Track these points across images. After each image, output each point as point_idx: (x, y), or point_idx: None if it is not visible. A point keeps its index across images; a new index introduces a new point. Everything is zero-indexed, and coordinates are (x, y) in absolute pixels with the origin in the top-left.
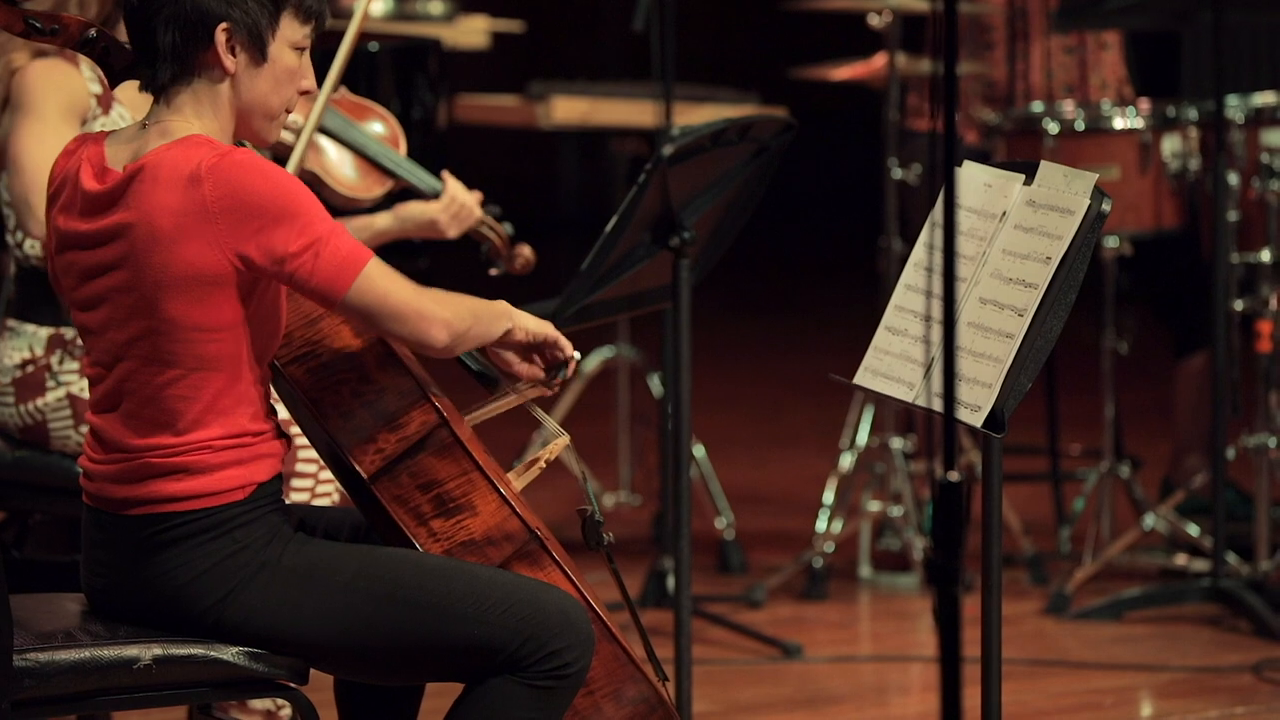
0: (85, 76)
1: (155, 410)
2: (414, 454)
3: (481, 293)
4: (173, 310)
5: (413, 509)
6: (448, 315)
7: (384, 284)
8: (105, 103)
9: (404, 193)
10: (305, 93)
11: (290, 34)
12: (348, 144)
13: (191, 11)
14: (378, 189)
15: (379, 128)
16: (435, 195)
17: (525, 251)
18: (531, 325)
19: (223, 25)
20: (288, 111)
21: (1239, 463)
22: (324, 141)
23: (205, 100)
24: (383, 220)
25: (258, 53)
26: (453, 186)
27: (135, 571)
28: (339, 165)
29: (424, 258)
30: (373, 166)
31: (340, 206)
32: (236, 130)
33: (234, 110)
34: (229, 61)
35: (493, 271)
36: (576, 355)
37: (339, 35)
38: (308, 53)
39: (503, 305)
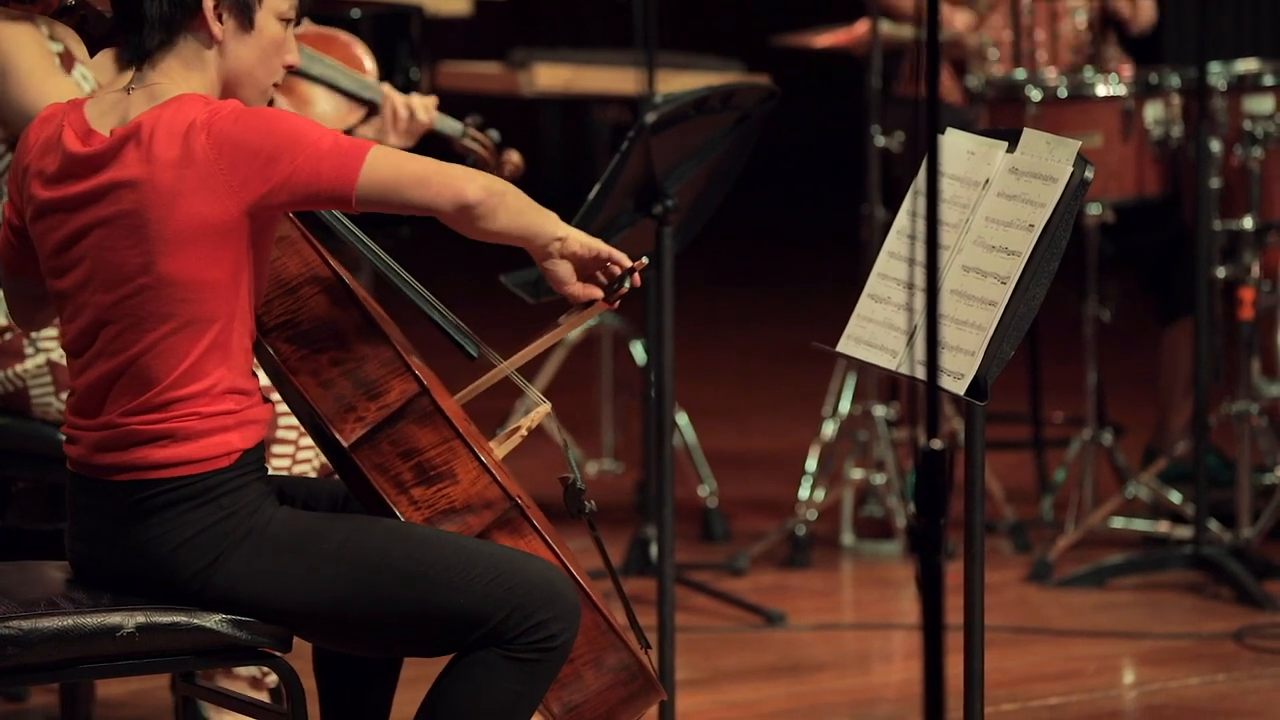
0: (44, 34)
1: (139, 371)
2: (394, 422)
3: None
4: (167, 267)
5: (393, 477)
6: (477, 175)
7: (394, 158)
8: (66, 62)
9: None
10: (289, 67)
11: (276, 4)
12: (318, 79)
13: None
14: (352, 118)
15: (342, 56)
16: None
17: (514, 158)
18: (585, 237)
19: None
20: (276, 85)
21: (1221, 430)
22: (297, 81)
23: (193, 64)
24: None
25: (245, 20)
26: (392, 97)
27: (120, 538)
28: (314, 101)
29: (406, 226)
30: (345, 96)
31: None
32: (223, 97)
33: (220, 77)
34: (216, 28)
35: None
36: (643, 260)
37: (324, 2)
38: (293, 26)
39: (556, 218)
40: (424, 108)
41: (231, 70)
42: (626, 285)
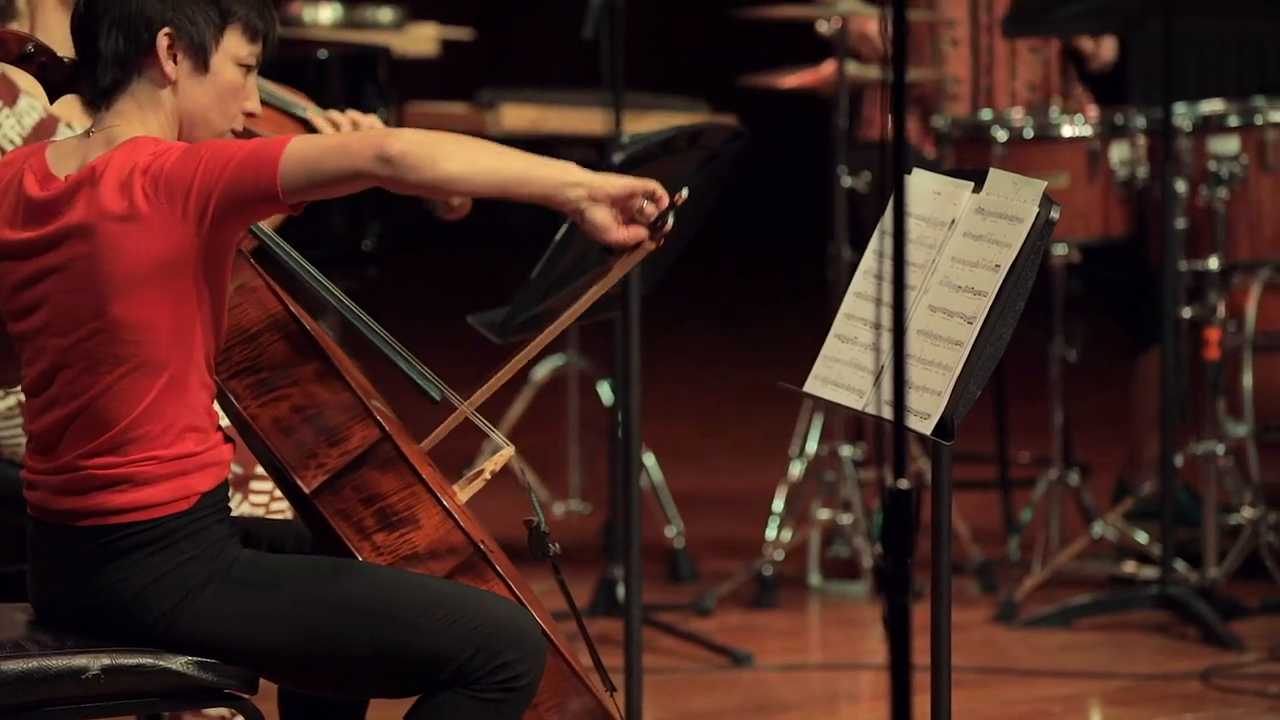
0: None
1: (95, 415)
2: (356, 468)
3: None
4: (119, 310)
5: (356, 523)
6: (404, 130)
7: (313, 139)
8: (8, 95)
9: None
10: (249, 114)
11: (235, 49)
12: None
13: (135, 15)
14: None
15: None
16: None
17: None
18: (615, 179)
19: (165, 30)
20: (233, 131)
21: (1188, 469)
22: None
23: (147, 105)
24: None
25: (200, 62)
26: (328, 113)
27: (82, 583)
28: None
29: (373, 266)
30: (284, 115)
31: None
32: (180, 139)
33: (175, 118)
34: (170, 68)
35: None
36: (684, 193)
37: (290, 43)
38: (254, 75)
39: (572, 166)
40: (368, 120)
41: (186, 111)
42: (671, 221)
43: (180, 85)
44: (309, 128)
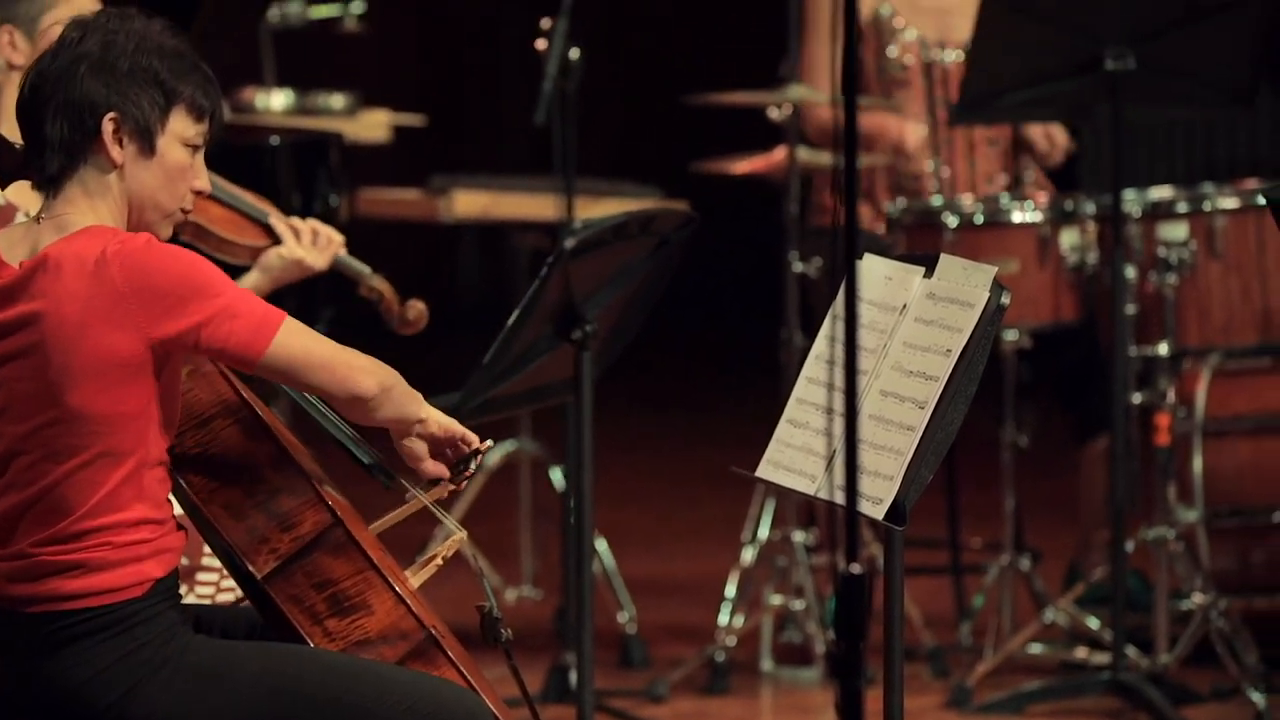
0: None
1: (52, 503)
2: (308, 553)
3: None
4: (76, 400)
5: (307, 608)
6: (374, 368)
7: (304, 338)
8: None
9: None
10: (199, 192)
11: (181, 129)
12: (224, 201)
13: (80, 101)
14: (261, 240)
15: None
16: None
17: (418, 305)
18: (443, 419)
19: (110, 115)
20: (184, 211)
21: (1139, 555)
22: (205, 201)
23: (95, 191)
24: (250, 278)
25: (146, 145)
26: (290, 220)
27: (32, 671)
28: (221, 218)
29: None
30: (249, 219)
31: (228, 255)
32: (130, 223)
33: (124, 202)
34: (116, 152)
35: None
36: (488, 443)
37: (242, 130)
38: (201, 153)
39: (420, 396)
40: (328, 231)
41: (134, 195)
42: (472, 466)
43: (127, 169)
44: (269, 232)
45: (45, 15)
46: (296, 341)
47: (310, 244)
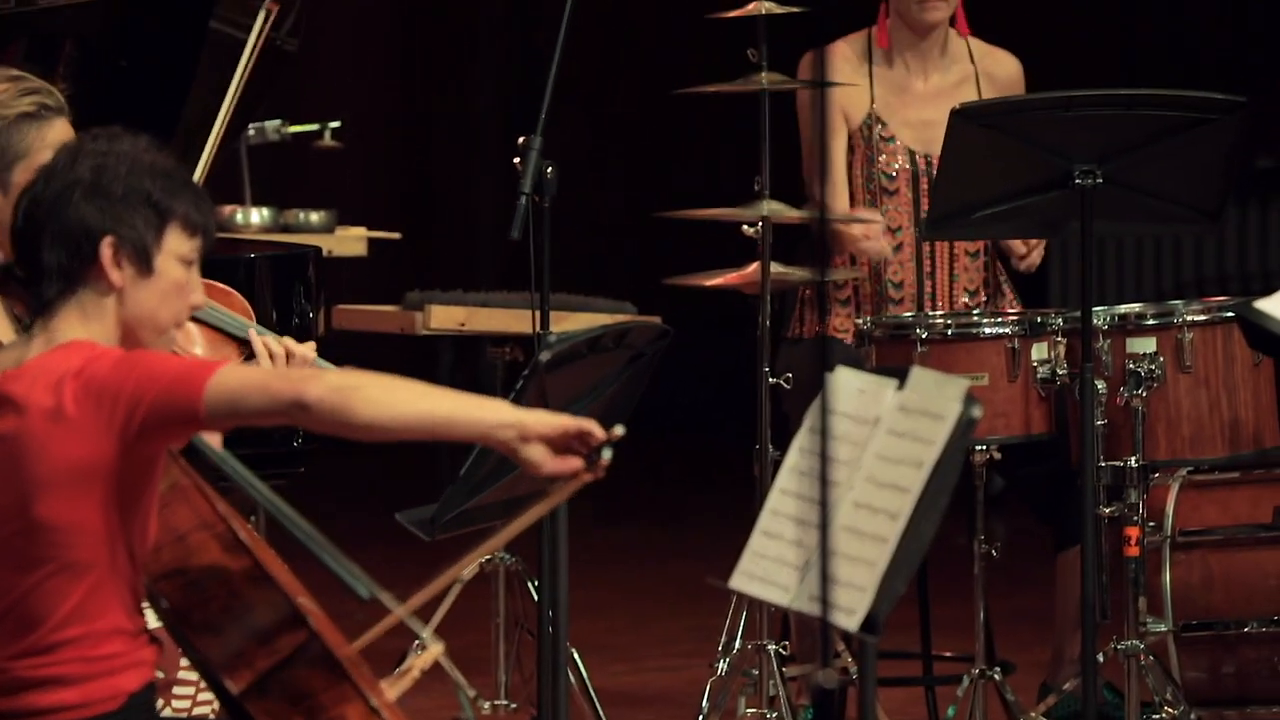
0: None
1: (22, 615)
2: (285, 668)
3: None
4: (41, 511)
5: None
6: (328, 372)
7: (242, 371)
8: None
9: None
10: (194, 307)
11: (177, 247)
12: (203, 321)
13: (75, 226)
14: (234, 358)
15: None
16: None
17: None
18: (547, 422)
19: (108, 239)
20: (178, 326)
21: (1110, 667)
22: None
23: (91, 311)
24: None
25: (145, 266)
26: (263, 338)
27: None
28: (191, 338)
29: (302, 465)
30: (226, 335)
31: None
32: (122, 342)
33: (119, 322)
34: (115, 275)
35: None
36: (618, 430)
37: (220, 244)
38: (196, 267)
39: (503, 407)
40: (302, 350)
41: (131, 315)
42: (607, 454)
43: (126, 290)
44: (245, 346)
45: (17, 166)
46: (234, 375)
47: (284, 365)
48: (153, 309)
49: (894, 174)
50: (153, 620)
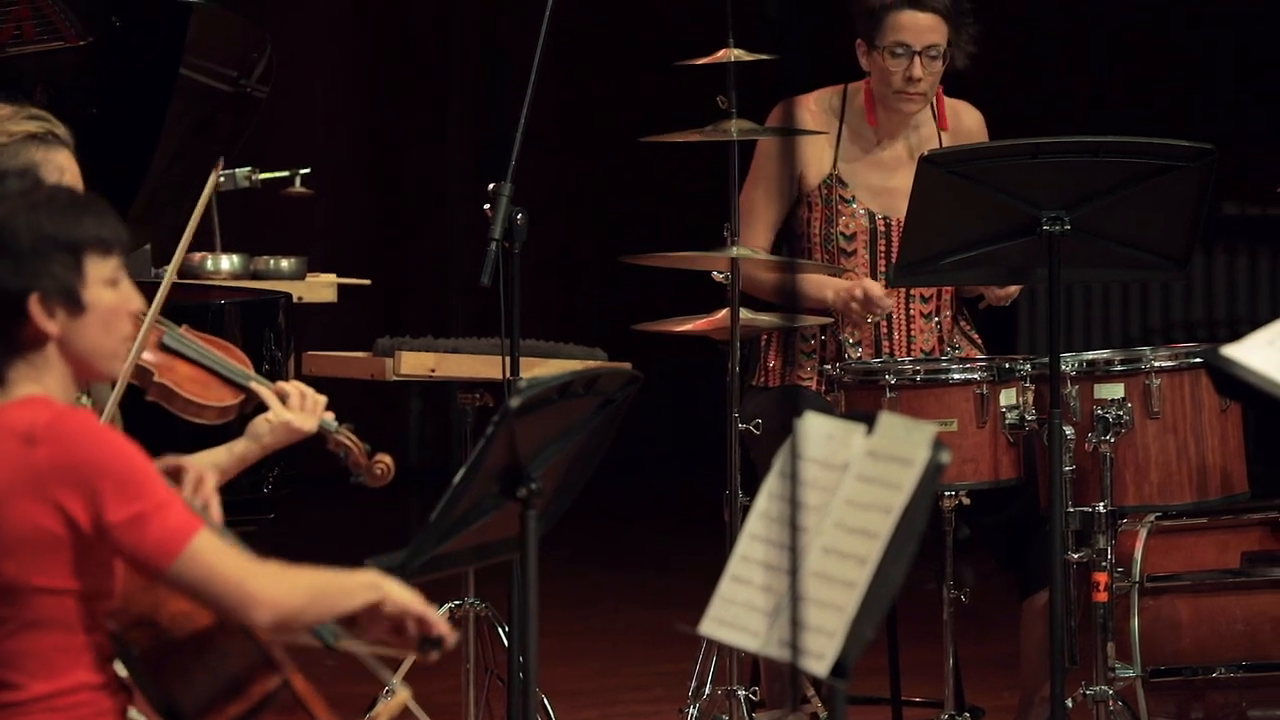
0: None
1: None
2: (255, 714)
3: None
4: (4, 571)
5: None
6: (276, 595)
7: (210, 557)
8: None
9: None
10: (137, 314)
11: (98, 273)
12: (195, 360)
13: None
14: (230, 399)
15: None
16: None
17: (385, 460)
18: (403, 598)
19: (33, 297)
20: (127, 340)
21: (1079, 713)
22: (174, 359)
23: (40, 364)
24: (239, 445)
25: (75, 306)
26: (280, 387)
27: None
28: (189, 378)
29: (272, 511)
30: (221, 379)
31: (195, 416)
32: (78, 377)
33: (69, 363)
34: (50, 326)
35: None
36: (451, 637)
37: (190, 290)
38: (125, 279)
39: (369, 577)
40: (313, 392)
41: (79, 353)
42: (433, 654)
43: (65, 335)
44: (240, 388)
45: None
46: (207, 557)
47: (299, 407)
48: (97, 341)
49: (851, 234)
50: (122, 669)
